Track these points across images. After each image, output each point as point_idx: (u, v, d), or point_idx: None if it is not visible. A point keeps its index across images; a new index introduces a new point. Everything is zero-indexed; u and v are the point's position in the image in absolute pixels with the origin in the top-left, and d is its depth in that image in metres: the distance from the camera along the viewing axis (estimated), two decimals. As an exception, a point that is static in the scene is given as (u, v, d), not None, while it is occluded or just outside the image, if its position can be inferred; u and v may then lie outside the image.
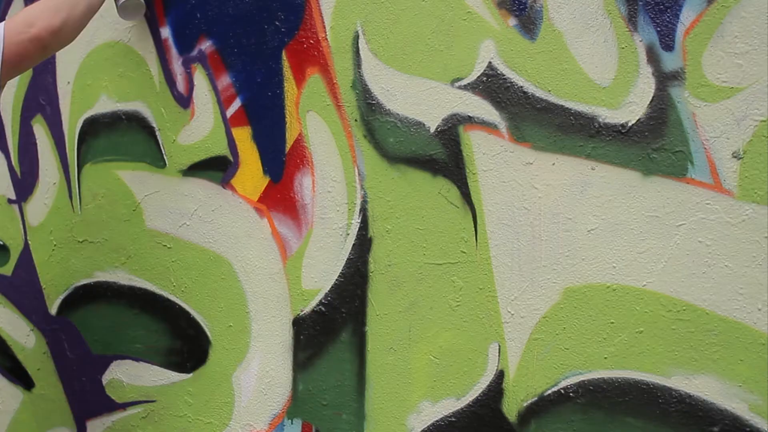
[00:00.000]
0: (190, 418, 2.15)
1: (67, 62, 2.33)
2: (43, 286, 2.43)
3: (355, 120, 1.88)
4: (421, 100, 1.80)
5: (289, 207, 1.98)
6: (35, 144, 2.42)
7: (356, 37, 1.88)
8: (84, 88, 2.31)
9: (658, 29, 1.56)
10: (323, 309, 1.94)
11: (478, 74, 1.74)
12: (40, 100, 2.38)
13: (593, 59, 1.62)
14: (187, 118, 2.12)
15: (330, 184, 1.92)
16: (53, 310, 2.41)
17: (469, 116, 1.75)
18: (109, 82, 2.26)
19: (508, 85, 1.71)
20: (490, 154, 1.73)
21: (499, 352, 1.73)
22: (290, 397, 2.00)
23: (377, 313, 1.87)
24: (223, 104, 2.07)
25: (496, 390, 1.74)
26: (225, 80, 2.06)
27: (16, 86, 2.44)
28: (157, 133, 2.17)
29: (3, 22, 1.85)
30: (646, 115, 1.57)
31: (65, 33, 1.92)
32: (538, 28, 1.67)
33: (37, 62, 2.00)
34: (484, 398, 1.75)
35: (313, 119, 1.94)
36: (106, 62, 2.26)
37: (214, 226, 2.09)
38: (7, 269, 2.49)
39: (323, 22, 1.92)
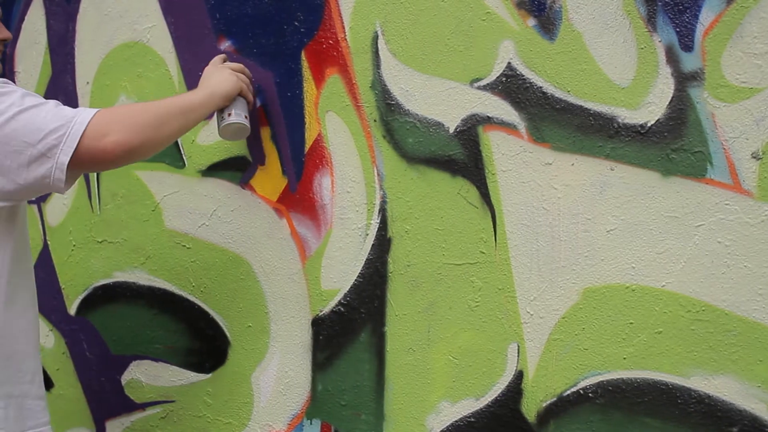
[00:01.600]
0: (209, 418, 2.22)
1: (87, 62, 2.40)
2: (63, 287, 2.51)
3: (375, 120, 1.94)
4: (441, 101, 1.86)
5: (309, 207, 2.04)
6: (54, 144, 2.49)
7: (375, 38, 1.93)
8: (103, 88, 2.38)
9: (678, 30, 1.61)
10: (342, 309, 2.00)
11: (498, 75, 1.80)
12: (60, 100, 2.44)
13: (612, 60, 1.67)
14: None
15: (349, 185, 1.98)
16: (72, 310, 2.49)
17: (488, 117, 1.81)
18: (128, 83, 2.33)
19: (528, 85, 1.76)
20: (509, 154, 1.79)
21: (518, 353, 1.79)
22: (309, 397, 2.06)
23: (396, 313, 1.93)
24: (242, 104, 2.14)
25: (515, 390, 1.79)
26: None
27: (35, 86, 2.52)
28: (176, 133, 2.23)
29: (95, 112, 1.75)
30: (666, 116, 1.62)
31: (141, 152, 1.82)
32: (558, 28, 1.73)
33: (109, 168, 1.97)
34: (503, 398, 1.80)
35: (333, 119, 2.00)
36: (126, 62, 2.33)
37: (233, 226, 2.16)
38: (26, 269, 2.57)
39: (342, 23, 1.98)
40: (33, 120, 1.71)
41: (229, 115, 1.98)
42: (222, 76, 1.98)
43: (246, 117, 2.00)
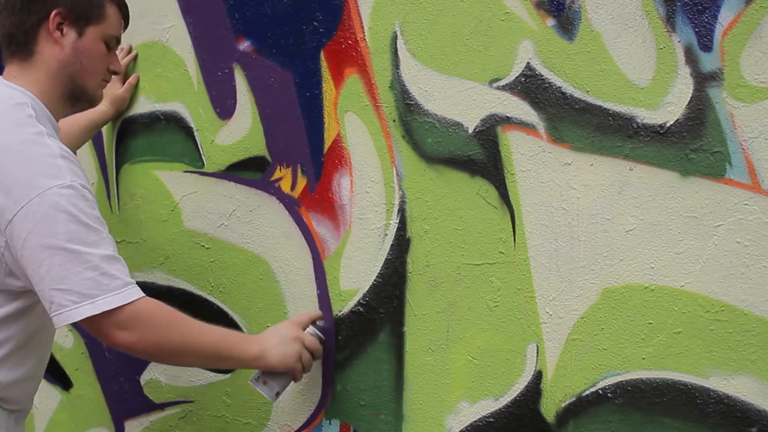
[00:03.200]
0: (228, 418, 2.28)
1: (106, 62, 2.46)
2: (81, 287, 2.57)
3: (394, 120, 2.00)
4: (460, 101, 1.91)
5: (328, 207, 2.10)
6: (73, 144, 2.55)
7: (394, 38, 1.99)
8: (122, 88, 2.44)
9: (697, 30, 1.66)
10: (361, 309, 2.06)
11: (517, 75, 1.85)
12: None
13: (631, 60, 1.72)
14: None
15: (368, 185, 2.04)
16: (91, 310, 2.54)
17: (507, 117, 1.86)
18: (147, 83, 2.39)
19: (547, 85, 1.81)
20: (528, 154, 1.84)
21: (537, 353, 1.84)
22: (328, 397, 2.12)
23: (415, 313, 1.98)
24: (261, 104, 2.19)
25: (534, 390, 1.84)
26: (263, 80, 2.18)
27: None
28: (195, 133, 2.30)
29: (134, 300, 1.72)
30: (685, 116, 1.67)
31: (149, 358, 1.85)
32: (577, 28, 1.78)
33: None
34: (522, 399, 1.86)
35: (352, 120, 2.06)
36: (145, 63, 2.40)
37: (252, 226, 2.22)
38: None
39: (361, 23, 2.03)
40: (67, 266, 1.66)
41: (264, 383, 1.95)
42: (286, 351, 1.91)
43: (277, 394, 1.97)
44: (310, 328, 2.01)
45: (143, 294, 1.74)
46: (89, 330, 1.74)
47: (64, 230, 1.67)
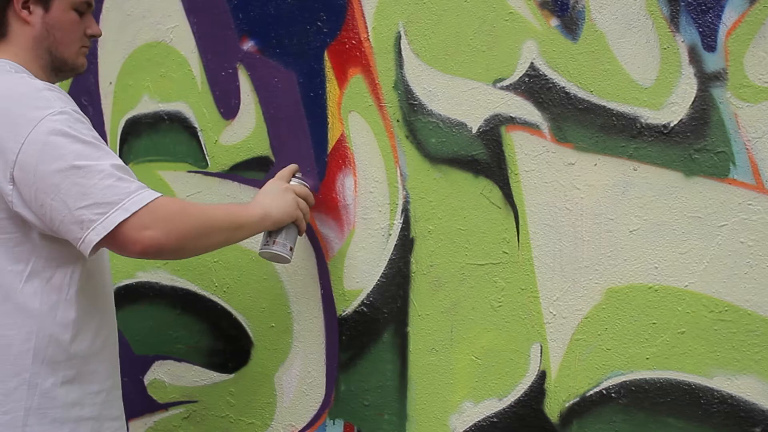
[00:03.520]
0: (231, 418, 2.29)
1: (110, 63, 2.48)
2: (85, 287, 2.58)
3: (397, 120, 2.01)
4: (463, 101, 1.92)
5: (331, 207, 2.11)
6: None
7: (398, 38, 2.00)
8: (126, 88, 2.46)
9: (700, 30, 1.67)
10: (365, 309, 2.07)
11: (520, 75, 1.86)
12: (83, 100, 2.53)
13: (635, 60, 1.73)
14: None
15: (372, 185, 2.05)
16: (95, 310, 2.56)
17: (511, 117, 1.87)
18: (151, 83, 2.40)
19: (551, 85, 1.82)
20: (532, 154, 1.85)
21: (541, 353, 1.85)
22: (332, 397, 2.13)
23: (419, 313, 1.99)
24: (265, 104, 2.21)
25: (538, 390, 1.85)
26: (267, 80, 2.20)
27: (58, 87, 2.60)
28: (199, 133, 2.31)
29: (148, 201, 1.70)
30: (688, 116, 1.68)
31: (172, 256, 1.85)
32: (580, 28, 1.79)
33: (136, 258, 1.89)
34: (526, 399, 1.87)
35: (356, 120, 2.07)
36: (148, 62, 2.41)
37: (256, 226, 2.23)
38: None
39: (365, 23, 2.04)
40: (84, 183, 1.67)
41: (275, 242, 1.98)
42: (283, 200, 1.96)
43: (291, 249, 1.99)
44: (294, 180, 2.04)
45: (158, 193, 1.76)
46: (115, 245, 1.72)
47: (69, 151, 1.68)
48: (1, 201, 1.73)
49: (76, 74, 2.00)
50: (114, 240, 1.69)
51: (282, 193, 1.98)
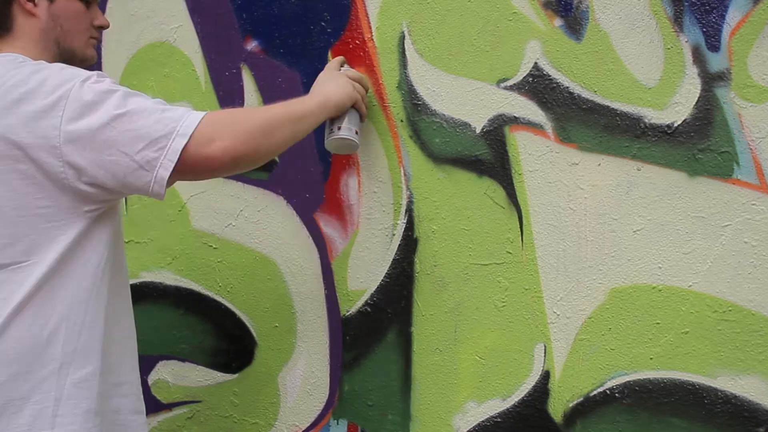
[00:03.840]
0: (235, 418, 2.30)
1: (113, 62, 2.49)
2: (89, 287, 2.59)
3: (401, 120, 2.02)
4: (467, 101, 1.93)
5: (335, 207, 2.12)
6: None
7: (402, 38, 2.01)
8: (130, 88, 2.46)
9: (704, 30, 1.68)
10: (369, 309, 2.08)
11: (524, 75, 1.87)
12: (87, 100, 2.53)
13: (639, 60, 1.74)
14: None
15: (376, 185, 2.06)
16: (99, 310, 2.57)
17: (514, 117, 1.88)
18: (155, 83, 2.41)
19: (554, 85, 1.83)
20: (535, 154, 1.86)
21: (545, 353, 1.86)
22: (336, 397, 2.14)
23: (423, 313, 2.01)
24: (268, 104, 2.21)
25: (541, 390, 1.86)
26: (271, 80, 2.21)
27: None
28: (203, 133, 2.32)
29: (201, 117, 1.69)
30: (692, 116, 1.69)
31: (249, 161, 1.77)
32: (584, 28, 1.80)
33: (212, 177, 1.90)
34: (529, 399, 1.88)
35: (359, 120, 2.08)
36: (152, 62, 2.42)
37: (259, 226, 2.24)
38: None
39: (369, 23, 2.06)
40: (132, 126, 1.66)
41: (339, 128, 1.95)
42: (338, 83, 1.95)
43: (357, 132, 1.97)
44: (343, 69, 2.04)
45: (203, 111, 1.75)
46: (190, 172, 1.71)
47: (109, 104, 1.67)
48: (48, 186, 1.70)
49: (86, 66, 1.95)
50: (187, 167, 1.68)
51: (336, 77, 1.97)
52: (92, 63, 1.97)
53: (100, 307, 1.78)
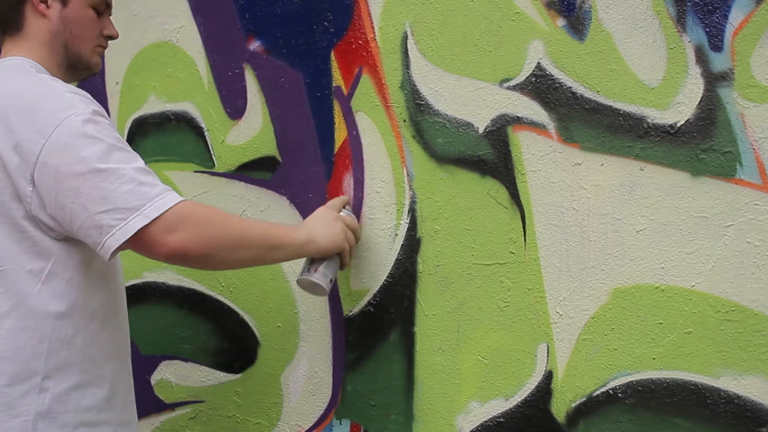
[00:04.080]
0: (238, 418, 2.31)
1: (116, 62, 2.50)
2: (92, 287, 2.60)
3: (404, 120, 2.03)
4: (470, 101, 1.94)
5: (338, 207, 2.13)
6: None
7: (405, 38, 2.02)
8: (133, 88, 2.48)
9: (707, 30, 1.68)
10: (372, 309, 2.09)
11: (527, 75, 1.88)
12: (89, 100, 2.54)
13: (642, 60, 1.75)
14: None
15: (378, 185, 2.07)
16: (102, 310, 2.58)
17: (517, 117, 1.89)
18: (157, 83, 2.43)
19: (557, 85, 1.84)
20: (538, 154, 1.87)
21: (548, 353, 1.87)
22: (339, 397, 2.15)
23: (426, 313, 2.01)
24: (271, 104, 2.23)
25: (544, 390, 1.87)
26: (274, 80, 2.22)
27: (65, 87, 2.62)
28: (205, 133, 2.33)
29: (173, 204, 1.69)
30: (695, 116, 1.70)
31: (199, 263, 1.79)
32: (587, 28, 1.80)
33: (160, 261, 1.84)
34: (532, 399, 1.89)
35: (362, 120, 2.09)
36: (155, 62, 2.43)
37: (262, 226, 2.25)
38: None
39: (372, 23, 2.06)
40: (104, 186, 1.66)
41: (316, 271, 1.94)
42: (331, 230, 1.93)
43: (331, 281, 1.96)
44: (344, 211, 2.02)
45: (182, 197, 1.74)
46: (139, 248, 1.71)
47: (90, 153, 1.68)
48: (21, 201, 1.73)
49: (90, 74, 2.00)
50: (137, 243, 1.69)
51: (332, 221, 1.95)
52: (96, 71, 2.00)
53: (83, 324, 1.79)
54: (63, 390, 1.77)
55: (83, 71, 1.97)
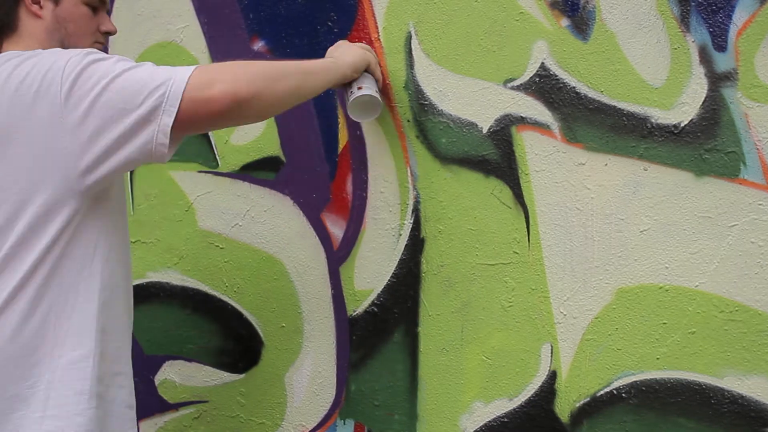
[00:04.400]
0: (242, 418, 2.32)
1: (120, 63, 2.51)
2: (96, 287, 2.61)
3: (408, 120, 2.04)
4: (474, 101, 1.95)
5: (342, 207, 2.14)
6: (88, 144, 2.59)
7: (409, 38, 2.03)
8: (136, 88, 2.49)
9: (711, 30, 1.69)
10: (376, 309, 2.10)
11: (531, 75, 1.89)
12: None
13: (646, 60, 1.76)
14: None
15: (382, 185, 2.08)
16: (105, 310, 2.59)
17: (521, 117, 1.90)
18: (161, 83, 2.43)
19: (561, 85, 1.85)
20: (542, 154, 1.88)
21: (552, 353, 1.87)
22: (343, 397, 2.16)
23: (430, 313, 2.02)
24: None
25: (548, 390, 1.88)
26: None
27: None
28: (209, 133, 2.34)
29: (194, 68, 1.68)
30: (699, 116, 1.71)
31: (252, 107, 1.70)
32: (591, 28, 1.81)
33: (215, 128, 1.83)
34: (536, 399, 1.89)
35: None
36: (159, 62, 2.38)
37: (266, 226, 2.26)
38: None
39: (376, 23, 2.07)
40: (129, 83, 1.65)
41: (359, 88, 1.94)
42: (350, 48, 1.98)
43: (377, 91, 1.96)
44: None
45: None
46: (191, 119, 1.66)
47: (104, 67, 1.67)
48: (52, 166, 1.69)
49: None
50: (188, 114, 1.64)
51: (348, 45, 2.00)
52: None
53: (93, 291, 1.76)
54: (75, 357, 1.74)
55: None
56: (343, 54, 1.95)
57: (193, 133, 1.80)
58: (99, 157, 1.69)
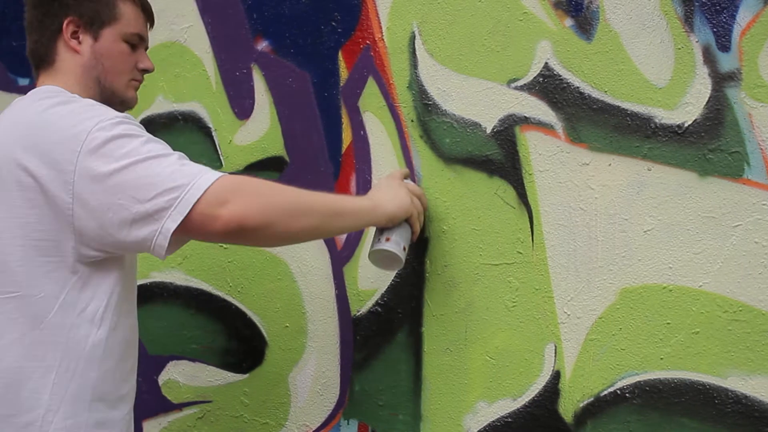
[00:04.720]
0: (246, 418, 2.33)
1: (124, 63, 2.52)
2: (99, 287, 2.63)
3: (412, 120, 2.05)
4: (478, 101, 1.96)
5: (346, 207, 2.15)
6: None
7: (412, 38, 2.04)
8: (140, 88, 2.49)
9: (715, 30, 1.70)
10: (379, 309, 2.11)
11: (535, 75, 1.89)
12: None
13: (649, 60, 1.76)
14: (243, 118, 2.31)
15: (386, 185, 2.08)
16: (109, 310, 2.60)
17: (525, 117, 1.91)
18: (165, 83, 2.45)
19: (565, 85, 1.86)
20: (546, 154, 1.88)
21: (556, 353, 1.88)
22: (346, 397, 2.17)
23: (433, 313, 2.03)
24: (279, 104, 2.25)
25: (552, 390, 1.89)
26: (281, 80, 2.24)
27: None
28: (213, 133, 2.36)
29: (218, 177, 1.63)
30: (703, 116, 1.71)
31: (259, 236, 1.67)
32: (595, 28, 1.82)
33: (213, 241, 1.76)
34: (540, 399, 1.90)
35: (370, 120, 2.11)
36: (163, 63, 2.45)
37: (270, 226, 2.27)
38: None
39: (379, 23, 2.08)
40: (148, 174, 1.61)
41: (387, 240, 1.85)
42: (397, 194, 1.87)
43: (404, 249, 1.87)
44: (406, 181, 1.96)
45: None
46: (195, 229, 1.62)
47: (129, 147, 1.64)
48: (53, 220, 1.68)
49: (125, 108, 1.94)
50: (192, 224, 1.61)
51: (396, 187, 1.89)
52: (132, 106, 1.95)
53: (95, 356, 1.73)
54: (67, 426, 1.70)
55: (117, 105, 1.89)
56: (386, 200, 1.85)
57: (197, 240, 1.76)
58: (99, 233, 1.66)
